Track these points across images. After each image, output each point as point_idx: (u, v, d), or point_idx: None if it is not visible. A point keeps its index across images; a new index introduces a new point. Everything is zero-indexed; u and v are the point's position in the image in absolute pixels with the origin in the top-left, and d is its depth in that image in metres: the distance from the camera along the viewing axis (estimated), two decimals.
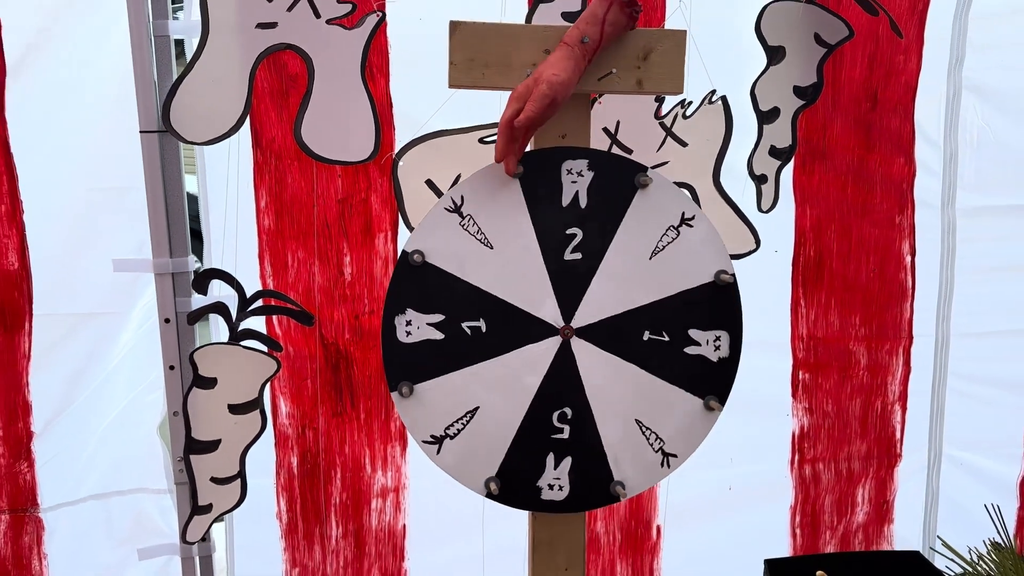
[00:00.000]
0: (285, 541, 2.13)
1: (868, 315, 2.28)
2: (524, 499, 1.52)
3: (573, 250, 1.55)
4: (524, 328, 1.52)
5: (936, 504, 2.39)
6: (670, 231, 1.58)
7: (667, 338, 1.57)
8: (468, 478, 1.51)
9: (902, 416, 2.34)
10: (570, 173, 1.54)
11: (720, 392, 1.59)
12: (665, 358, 1.57)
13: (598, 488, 1.54)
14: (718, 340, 1.59)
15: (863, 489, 2.35)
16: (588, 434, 1.54)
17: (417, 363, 1.50)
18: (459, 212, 1.52)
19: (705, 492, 2.28)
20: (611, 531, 2.25)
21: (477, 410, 1.51)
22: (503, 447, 1.51)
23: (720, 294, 1.59)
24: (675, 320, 1.57)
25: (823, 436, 2.30)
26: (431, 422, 1.50)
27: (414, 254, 1.49)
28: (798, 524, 2.34)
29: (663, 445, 1.57)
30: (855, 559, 2.05)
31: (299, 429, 2.09)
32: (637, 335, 1.56)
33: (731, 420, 2.30)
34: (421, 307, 1.50)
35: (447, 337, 1.50)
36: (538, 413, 1.52)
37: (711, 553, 2.27)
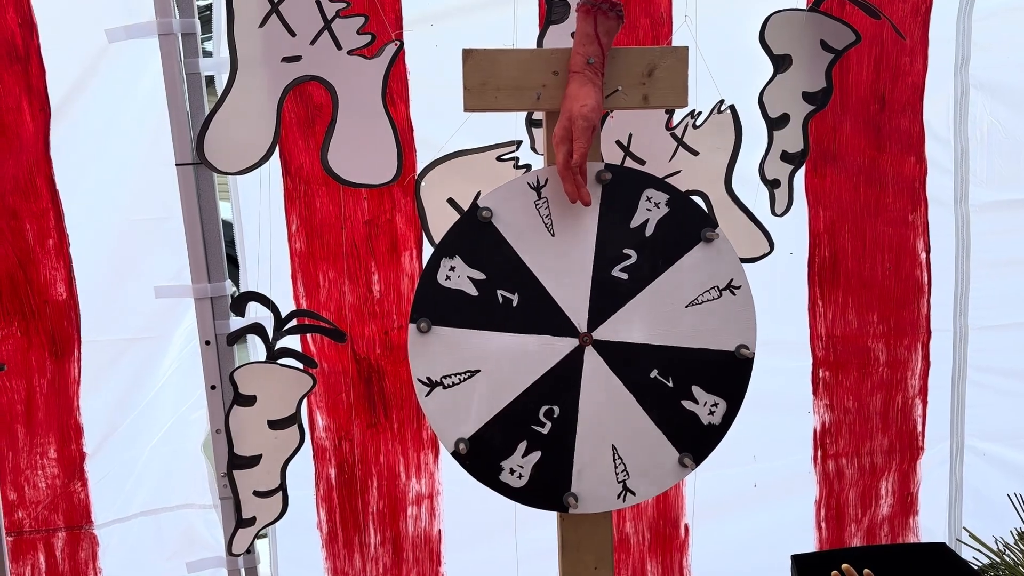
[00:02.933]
0: (326, 550, 2.21)
1: (885, 312, 2.32)
2: (483, 471, 1.60)
3: (622, 269, 1.63)
4: (550, 318, 1.60)
5: (960, 495, 2.42)
6: (713, 290, 1.66)
7: (671, 384, 1.64)
8: (443, 429, 1.59)
9: (923, 410, 2.38)
10: (648, 201, 1.63)
11: (698, 454, 1.66)
12: (662, 402, 1.64)
13: (552, 492, 1.61)
14: (715, 406, 1.66)
15: (886, 482, 2.39)
16: (565, 438, 1.61)
17: (444, 307, 1.57)
18: (538, 192, 1.60)
19: (731, 489, 2.34)
20: (640, 531, 2.31)
21: (477, 373, 1.59)
22: (485, 416, 1.59)
23: (734, 366, 1.66)
24: (684, 371, 1.64)
25: (845, 432, 2.35)
26: (433, 365, 1.58)
27: (484, 210, 1.58)
28: (823, 518, 2.38)
29: (627, 479, 1.63)
30: (881, 552, 2.09)
31: (336, 441, 2.18)
32: (646, 370, 1.64)
33: (754, 418, 2.36)
34: (469, 259, 1.58)
35: (480, 296, 1.58)
36: (528, 400, 1.59)
37: (739, 549, 2.32)
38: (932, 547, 2.03)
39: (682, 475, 1.67)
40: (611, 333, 1.63)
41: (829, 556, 2.00)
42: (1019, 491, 2.44)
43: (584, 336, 1.62)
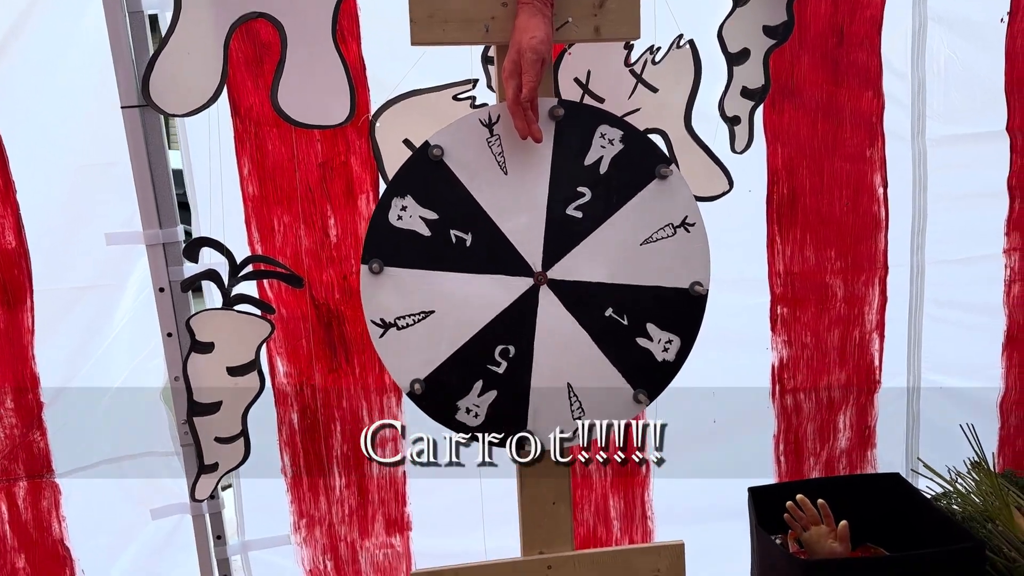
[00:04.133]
0: (291, 494, 2.23)
1: (843, 248, 2.34)
2: (438, 411, 1.61)
3: (577, 208, 1.62)
4: (504, 258, 1.60)
5: (917, 427, 2.47)
6: (668, 227, 1.66)
7: (625, 322, 1.65)
8: (397, 370, 1.60)
9: (880, 344, 2.42)
10: (602, 137, 1.62)
11: (651, 390, 1.68)
12: (617, 339, 1.65)
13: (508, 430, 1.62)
14: (669, 343, 1.67)
15: (844, 416, 2.44)
16: (521, 378, 1.62)
17: (397, 247, 1.56)
18: (490, 129, 1.58)
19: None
20: (601, 468, 2.34)
21: (431, 314, 1.59)
22: (440, 357, 1.60)
23: (688, 303, 1.67)
24: (639, 309, 1.65)
25: (803, 367, 2.38)
26: (387, 306, 1.58)
27: (435, 148, 1.56)
28: (782, 452, 2.43)
29: (582, 416, 1.65)
30: (837, 483, 2.13)
31: (297, 387, 2.18)
32: (601, 308, 1.64)
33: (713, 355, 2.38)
34: (421, 199, 1.57)
35: (433, 236, 1.57)
36: (484, 340, 1.60)
37: (699, 484, 2.36)
38: (887, 477, 2.07)
39: (636, 411, 1.69)
40: (566, 272, 1.63)
41: (785, 488, 2.04)
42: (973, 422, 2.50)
43: (539, 275, 1.62)
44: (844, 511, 1.94)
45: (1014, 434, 2.50)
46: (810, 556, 1.88)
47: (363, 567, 2.29)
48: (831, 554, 1.82)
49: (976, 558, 1.66)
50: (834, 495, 2.04)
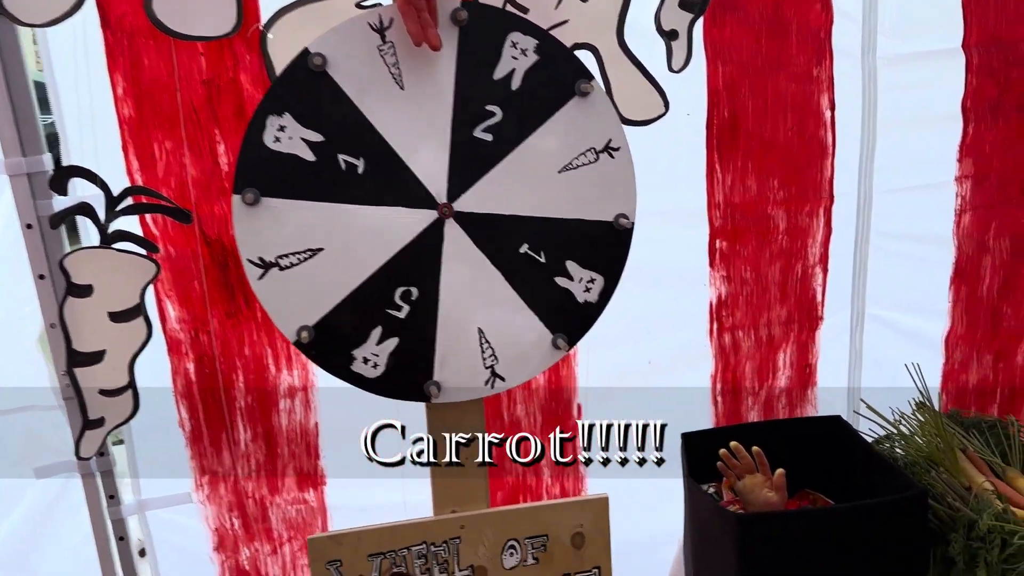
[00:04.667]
0: (191, 449, 2.04)
1: (787, 177, 2.18)
2: (331, 361, 1.45)
3: (486, 129, 1.43)
4: (403, 187, 1.41)
5: (860, 364, 2.37)
6: (590, 153, 1.48)
7: (543, 259, 1.48)
8: (281, 316, 1.41)
9: (823, 278, 2.29)
10: (514, 47, 1.42)
11: (572, 334, 1.52)
12: (533, 279, 1.48)
13: (412, 381, 1.47)
14: (592, 282, 1.51)
15: (784, 354, 2.32)
16: (425, 323, 1.45)
17: (275, 175, 1.36)
18: (383, 35, 1.37)
19: (624, 367, 2.23)
20: (531, 413, 2.20)
21: (319, 252, 1.40)
22: (331, 301, 1.42)
23: (612, 237, 1.50)
24: (558, 245, 1.48)
25: (742, 304, 2.25)
26: (265, 243, 1.38)
27: (315, 56, 1.35)
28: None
29: (495, 364, 1.50)
30: (776, 427, 2.02)
31: (192, 333, 1.97)
32: (515, 244, 1.47)
33: (648, 293, 2.24)
34: (302, 118, 1.36)
35: (319, 162, 1.37)
36: (381, 281, 1.42)
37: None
38: (827, 420, 1.96)
39: (555, 357, 1.53)
40: (475, 203, 1.45)
41: (721, 433, 1.92)
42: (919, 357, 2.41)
43: (443, 207, 1.43)
44: (783, 456, 1.85)
45: (958, 370, 2.41)
46: (745, 506, 1.77)
47: (274, 524, 2.14)
48: (766, 504, 1.71)
49: (917, 507, 1.56)
50: (772, 440, 1.94)
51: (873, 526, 1.55)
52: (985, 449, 1.94)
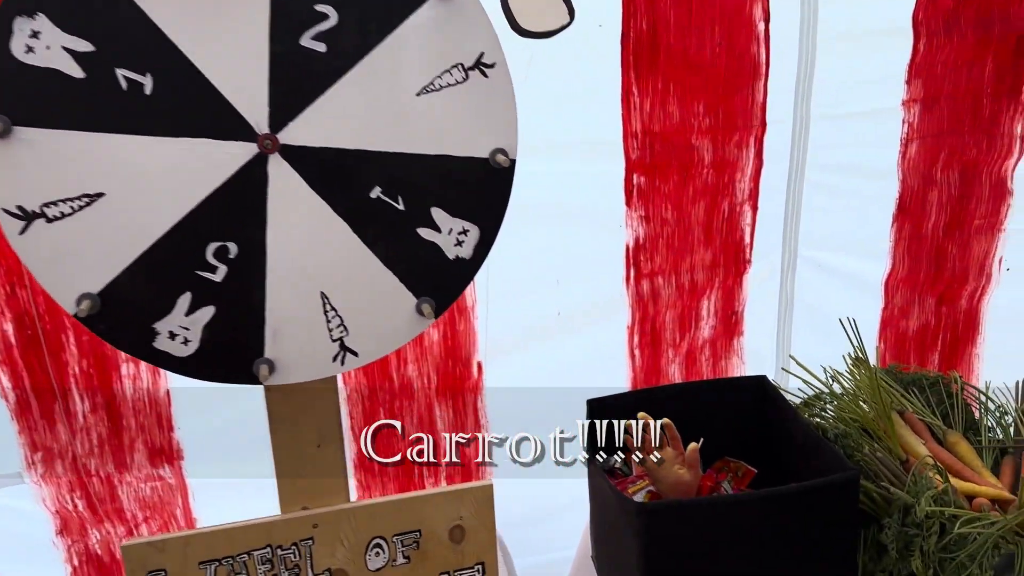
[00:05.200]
0: (18, 423, 1.74)
1: (713, 101, 1.89)
2: (128, 339, 1.14)
3: (317, 37, 1.11)
4: (208, 113, 1.10)
5: (791, 312, 2.15)
6: (456, 71, 1.17)
7: (401, 206, 1.18)
8: (55, 283, 1.11)
9: (752, 217, 2.03)
10: None
11: (441, 299, 1.24)
12: (389, 231, 1.19)
13: (236, 359, 1.18)
14: (464, 234, 1.21)
15: (708, 302, 2.08)
16: (250, 288, 1.16)
17: (31, 97, 1.04)
18: None
19: (530, 319, 1.97)
20: (425, 374, 1.94)
21: (100, 198, 1.08)
22: (120, 262, 1.11)
23: (489, 178, 1.20)
24: (420, 189, 1.18)
25: (662, 247, 1.99)
26: (24, 187, 1.06)
27: None
28: (636, 345, 2.07)
29: (345, 336, 1.21)
30: (694, 390, 1.78)
31: (8, 288, 1.65)
32: (363, 188, 1.17)
33: (555, 235, 1.97)
34: (63, 22, 1.03)
35: (89, 79, 1.05)
36: (186, 236, 1.12)
37: (541, 386, 2.00)
38: (751, 381, 1.73)
39: (421, 327, 1.25)
40: (307, 135, 1.14)
41: (631, 398, 1.68)
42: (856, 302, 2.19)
43: (265, 140, 1.12)
44: (703, 420, 1.62)
45: (897, 316, 2.21)
46: (654, 484, 1.54)
47: (126, 504, 1.86)
48: (677, 483, 1.49)
49: (846, 492, 1.34)
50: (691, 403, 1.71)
51: (793, 514, 1.33)
52: (925, 410, 1.73)
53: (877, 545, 1.42)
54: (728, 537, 1.33)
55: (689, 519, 1.32)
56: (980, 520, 1.36)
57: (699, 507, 1.35)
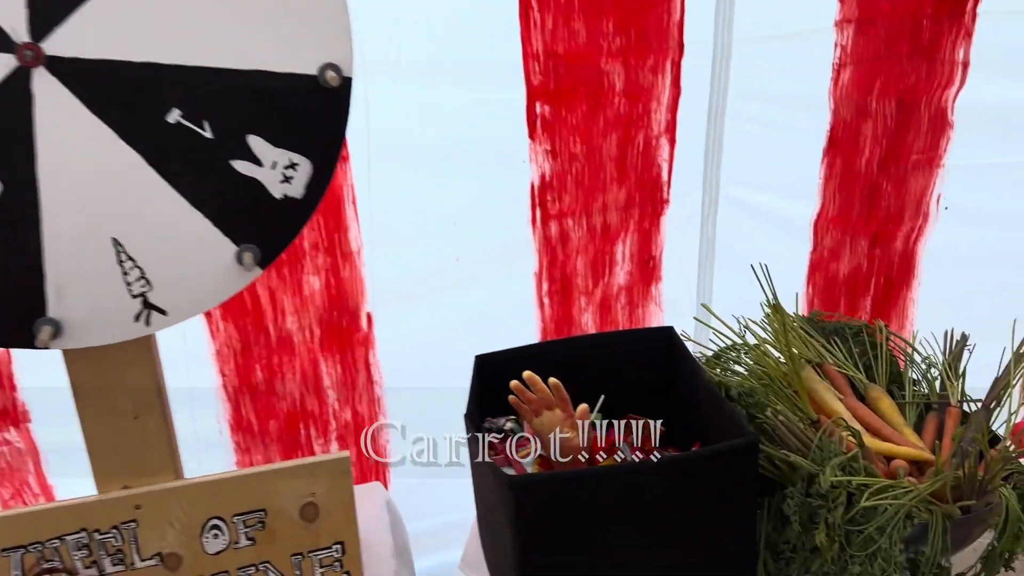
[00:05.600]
0: None
1: (624, 19, 1.68)
2: None
3: None
4: None
5: (712, 256, 1.98)
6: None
7: (209, 134, 0.97)
8: None
9: (670, 152, 1.85)
10: None
11: (268, 247, 1.04)
12: (196, 164, 0.98)
13: (13, 320, 0.99)
14: (292, 169, 1.01)
15: (623, 246, 1.90)
16: (23, 235, 0.96)
17: None
18: None
19: (425, 266, 1.79)
20: (306, 326, 1.75)
21: None
22: None
23: (319, 102, 0.99)
24: (231, 112, 0.98)
25: (571, 185, 1.80)
26: None
27: None
28: (546, 293, 1.89)
29: (147, 292, 1.01)
30: (597, 343, 1.63)
31: None
32: (158, 110, 0.95)
33: (452, 174, 1.78)
34: None
35: None
36: None
37: (438, 339, 1.82)
38: (657, 333, 1.58)
39: (244, 280, 1.06)
40: (79, 44, 0.92)
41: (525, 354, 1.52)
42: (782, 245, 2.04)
43: (25, 50, 0.91)
44: (608, 375, 1.50)
45: (827, 259, 2.05)
46: (544, 449, 1.39)
47: None
48: (566, 447, 1.34)
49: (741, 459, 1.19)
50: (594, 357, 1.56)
51: (681, 483, 1.19)
52: (847, 362, 1.59)
53: (780, 515, 1.28)
54: (609, 510, 1.18)
55: (564, 492, 1.16)
56: (893, 489, 1.23)
57: (576, 479, 1.19)
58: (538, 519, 1.17)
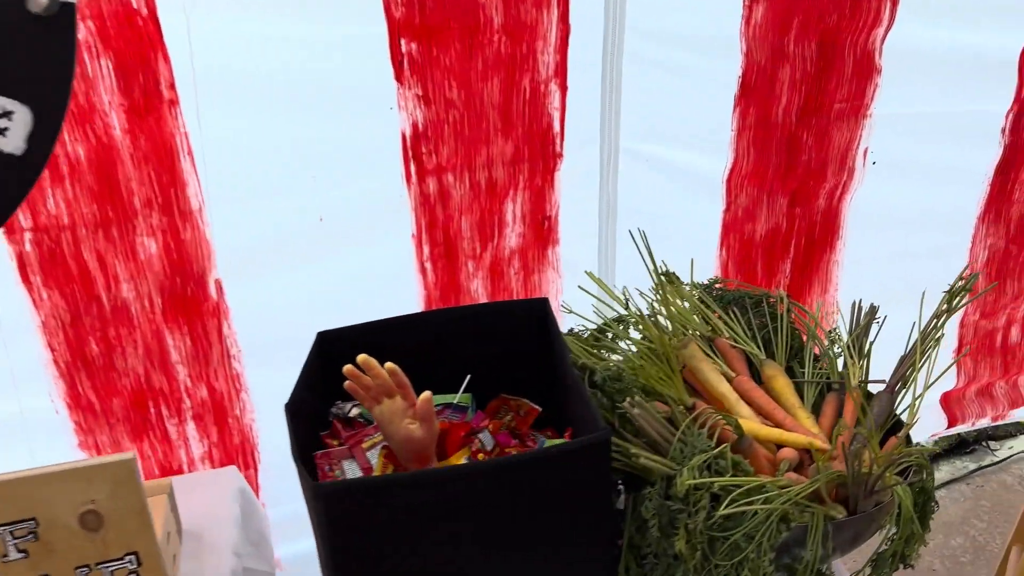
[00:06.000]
0: None
1: None
2: None
3: None
4: None
5: (614, 217, 1.80)
6: None
7: None
8: None
9: (561, 99, 1.65)
10: None
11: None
12: None
13: None
14: (7, 119, 0.80)
15: (513, 204, 1.72)
16: None
17: None
18: None
19: (282, 230, 1.59)
20: (145, 294, 1.54)
21: None
22: None
23: (31, 34, 0.79)
24: None
25: (448, 135, 1.60)
26: None
27: None
28: (427, 257, 1.71)
29: None
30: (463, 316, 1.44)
31: None
32: None
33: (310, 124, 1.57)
34: None
35: None
36: None
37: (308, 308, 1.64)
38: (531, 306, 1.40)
39: None
40: None
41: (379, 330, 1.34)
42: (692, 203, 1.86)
43: None
44: (479, 352, 1.34)
45: (742, 219, 1.88)
46: (387, 440, 1.22)
47: None
48: (407, 440, 1.17)
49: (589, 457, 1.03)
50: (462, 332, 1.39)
51: (516, 486, 1.02)
52: (745, 335, 1.43)
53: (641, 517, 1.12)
54: (437, 514, 1.01)
55: (378, 500, 0.99)
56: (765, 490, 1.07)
57: (388, 486, 1.02)
58: (350, 528, 1.00)
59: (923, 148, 1.93)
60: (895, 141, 1.89)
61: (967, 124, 1.93)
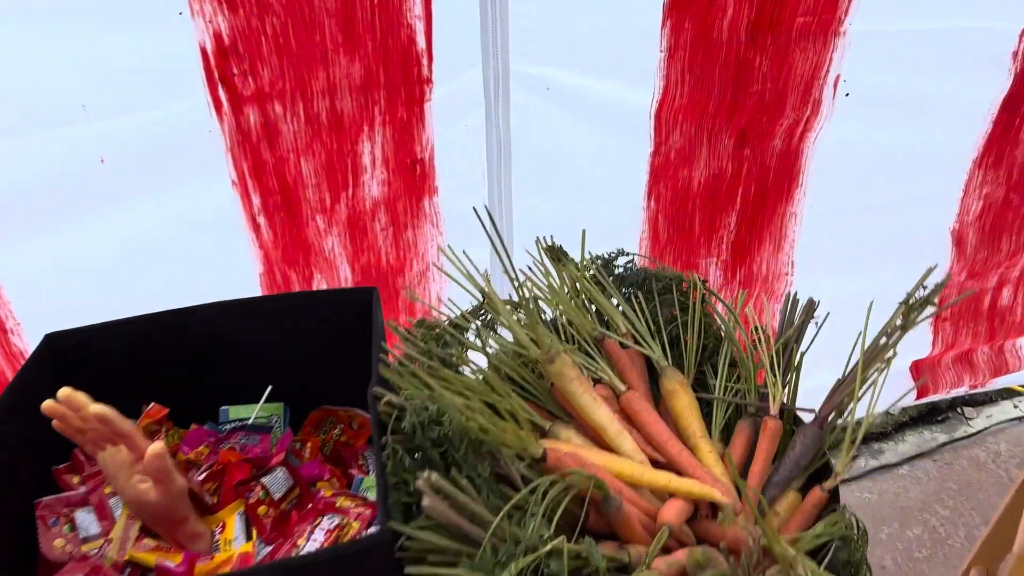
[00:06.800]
0: None
1: None
2: None
3: None
4: None
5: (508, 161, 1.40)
6: None
7: None
8: None
9: (425, 7, 1.23)
10: None
11: None
12: None
13: None
14: None
15: (371, 144, 1.32)
16: None
17: None
18: None
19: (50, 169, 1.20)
20: None
21: None
22: None
23: None
24: None
25: (269, 52, 1.19)
26: None
27: None
28: (259, 210, 1.32)
29: None
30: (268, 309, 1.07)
31: None
32: None
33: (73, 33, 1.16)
34: None
35: None
36: None
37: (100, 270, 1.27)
38: (358, 296, 1.04)
39: None
40: None
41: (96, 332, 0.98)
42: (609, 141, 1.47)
43: None
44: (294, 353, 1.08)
45: (675, 162, 1.48)
46: (120, 496, 0.88)
47: None
48: (138, 502, 0.85)
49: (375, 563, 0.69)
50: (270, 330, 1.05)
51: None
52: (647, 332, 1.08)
53: None
54: None
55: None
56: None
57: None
58: None
59: (910, 76, 1.52)
60: (874, 67, 1.48)
61: (968, 46, 1.52)
